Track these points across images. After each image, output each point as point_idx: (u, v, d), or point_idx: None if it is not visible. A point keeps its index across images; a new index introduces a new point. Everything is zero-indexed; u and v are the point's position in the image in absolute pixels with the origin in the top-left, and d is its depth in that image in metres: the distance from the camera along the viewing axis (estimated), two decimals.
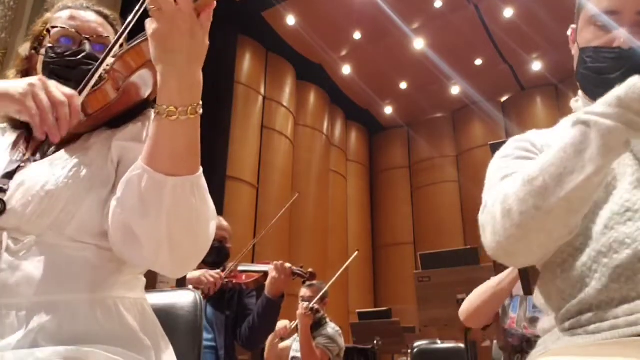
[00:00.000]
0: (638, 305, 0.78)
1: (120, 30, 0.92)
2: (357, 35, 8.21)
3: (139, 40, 0.85)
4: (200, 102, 0.78)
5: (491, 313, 1.81)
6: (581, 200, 0.81)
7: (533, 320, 1.82)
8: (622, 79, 0.86)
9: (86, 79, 0.87)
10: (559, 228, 0.83)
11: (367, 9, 7.38)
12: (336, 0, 7.42)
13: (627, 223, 0.83)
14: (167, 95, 0.77)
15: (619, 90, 0.78)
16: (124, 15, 1.09)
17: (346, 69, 8.98)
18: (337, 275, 2.42)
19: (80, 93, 0.86)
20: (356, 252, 2.61)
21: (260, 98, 7.88)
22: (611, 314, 0.80)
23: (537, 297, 0.98)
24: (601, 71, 0.94)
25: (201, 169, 0.81)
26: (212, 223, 0.83)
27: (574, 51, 1.04)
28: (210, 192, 0.84)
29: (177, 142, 0.78)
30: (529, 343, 1.83)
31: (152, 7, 0.73)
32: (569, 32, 1.07)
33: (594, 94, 0.96)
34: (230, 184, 6.86)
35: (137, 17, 0.85)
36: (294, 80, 8.68)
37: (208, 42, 0.77)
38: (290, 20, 7.74)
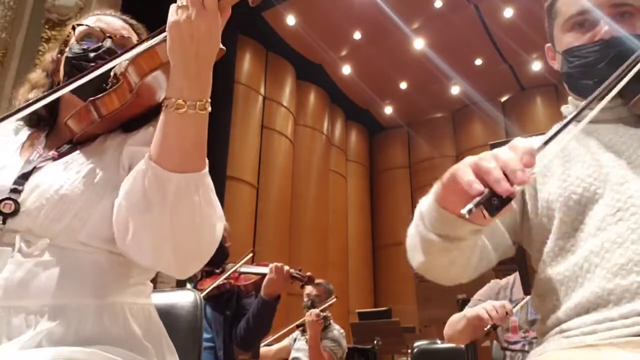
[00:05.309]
0: (633, 306, 0.78)
1: (140, 40, 0.91)
2: (357, 35, 8.20)
3: (154, 43, 0.84)
4: (209, 100, 0.78)
5: (465, 339, 1.96)
6: (442, 264, 0.88)
7: (534, 323, 1.83)
8: (609, 67, 0.88)
9: (87, 71, 0.84)
10: (444, 274, 0.94)
11: (367, 9, 7.37)
12: (336, 0, 7.41)
13: (619, 223, 0.83)
14: (177, 88, 0.76)
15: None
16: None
17: (346, 69, 8.97)
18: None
19: (77, 84, 0.82)
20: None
21: (260, 98, 7.87)
22: (608, 316, 0.80)
23: (534, 299, 0.98)
24: (587, 64, 0.96)
25: (207, 168, 0.80)
26: (218, 225, 0.82)
27: (557, 65, 1.08)
28: None
29: (184, 137, 0.77)
30: (530, 345, 1.83)
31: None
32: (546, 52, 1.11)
33: (581, 88, 1.00)
34: (230, 184, 6.84)
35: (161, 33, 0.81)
36: (294, 80, 8.67)
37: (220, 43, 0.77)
38: (290, 20, 7.74)
